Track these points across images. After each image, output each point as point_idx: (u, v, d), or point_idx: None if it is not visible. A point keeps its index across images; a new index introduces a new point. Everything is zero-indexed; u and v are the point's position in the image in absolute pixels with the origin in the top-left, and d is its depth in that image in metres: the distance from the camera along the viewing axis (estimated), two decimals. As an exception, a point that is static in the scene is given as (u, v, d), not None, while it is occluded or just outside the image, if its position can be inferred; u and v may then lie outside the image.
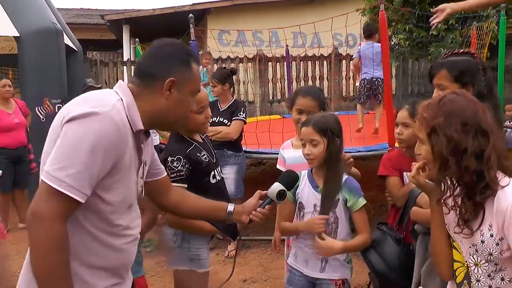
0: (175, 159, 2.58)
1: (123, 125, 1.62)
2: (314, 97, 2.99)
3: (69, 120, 1.56)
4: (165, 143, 3.08)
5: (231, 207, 2.21)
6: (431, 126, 1.71)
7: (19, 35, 6.99)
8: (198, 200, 2.25)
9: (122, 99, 1.68)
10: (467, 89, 2.29)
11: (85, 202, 1.57)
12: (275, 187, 2.23)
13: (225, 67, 5.38)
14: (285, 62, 11.44)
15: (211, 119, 2.89)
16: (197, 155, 2.64)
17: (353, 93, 12.25)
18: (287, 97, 11.52)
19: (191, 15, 5.97)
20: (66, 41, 7.91)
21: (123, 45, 15.09)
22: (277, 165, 3.26)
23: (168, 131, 2.02)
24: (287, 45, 10.36)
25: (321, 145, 2.49)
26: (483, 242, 1.70)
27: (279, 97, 12.46)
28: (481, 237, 1.70)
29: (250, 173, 8.79)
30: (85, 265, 1.67)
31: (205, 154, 2.69)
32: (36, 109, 6.93)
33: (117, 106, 1.63)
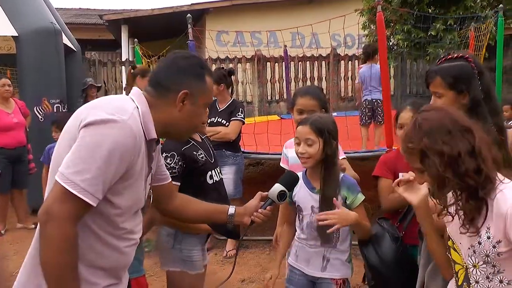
0: (169, 155, 2.58)
1: (139, 134, 1.66)
2: (313, 96, 2.99)
3: (87, 124, 1.59)
4: (162, 142, 3.10)
5: (232, 210, 2.23)
6: (420, 151, 1.72)
7: (17, 35, 6.98)
8: (199, 204, 2.27)
9: (138, 107, 1.72)
10: (463, 96, 2.29)
11: (96, 206, 1.61)
12: (276, 188, 2.24)
13: (223, 68, 5.36)
14: (283, 62, 11.44)
15: (209, 120, 2.89)
16: (194, 153, 2.63)
17: (351, 93, 12.28)
18: (287, 99, 11.54)
19: (189, 15, 5.97)
20: (64, 41, 7.90)
21: (122, 45, 15.06)
22: (281, 163, 3.24)
23: (177, 140, 2.07)
24: (285, 46, 10.37)
25: (316, 145, 2.47)
26: (480, 243, 1.71)
27: (277, 98, 12.47)
28: (479, 238, 1.71)
29: (248, 173, 8.80)
30: (88, 265, 1.70)
31: (202, 153, 2.68)
32: (34, 109, 6.93)
33: (134, 114, 1.68)
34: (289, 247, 2.76)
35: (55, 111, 7.06)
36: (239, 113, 5.00)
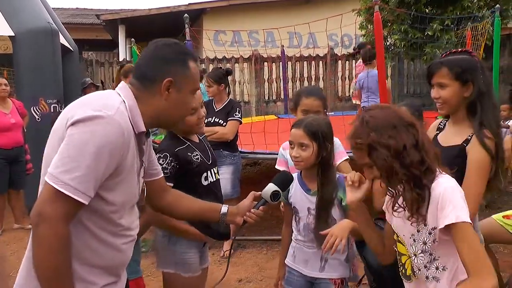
0: (161, 156, 2.56)
1: (127, 128, 1.64)
2: (318, 97, 2.99)
3: (74, 123, 1.58)
4: (159, 142, 3.08)
5: (224, 209, 2.22)
6: (368, 145, 1.79)
7: (14, 35, 6.96)
8: (192, 201, 2.26)
9: (124, 101, 1.71)
10: (467, 87, 2.33)
11: (89, 204, 1.60)
12: (269, 188, 2.23)
13: (221, 67, 5.35)
14: (280, 62, 11.45)
15: (206, 120, 2.87)
16: (188, 154, 2.61)
17: (348, 93, 12.29)
18: (285, 99, 11.53)
19: (186, 15, 5.97)
20: (61, 41, 7.88)
21: (119, 45, 15.06)
22: (276, 166, 3.10)
23: (169, 129, 2.03)
24: (282, 45, 10.38)
25: (310, 149, 2.44)
26: (418, 231, 1.83)
27: (274, 98, 12.48)
28: (417, 226, 1.83)
29: (245, 173, 8.79)
30: (85, 264, 1.69)
31: (198, 154, 2.65)
32: (31, 109, 6.91)
33: (121, 109, 1.66)
34: (289, 247, 2.76)
35: (52, 111, 7.03)
36: (236, 113, 4.98)
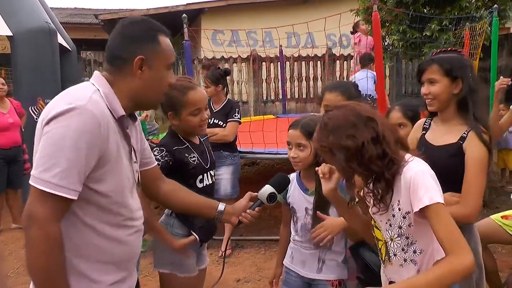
0: (158, 148, 2.57)
1: (102, 116, 1.61)
2: (341, 92, 2.85)
3: (48, 121, 1.58)
4: (157, 142, 3.08)
5: (222, 207, 2.22)
6: (328, 149, 1.80)
7: (12, 35, 6.96)
8: (190, 194, 2.26)
9: (99, 90, 1.69)
10: (457, 84, 2.37)
11: (82, 197, 1.59)
12: (266, 190, 2.24)
13: (219, 68, 5.33)
14: (279, 62, 11.45)
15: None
16: (185, 155, 2.60)
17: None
18: (283, 99, 11.53)
19: (184, 15, 5.96)
20: (60, 41, 7.88)
21: (117, 44, 15.03)
22: None
23: (152, 109, 1.97)
24: (281, 45, 10.37)
25: (308, 149, 2.43)
26: (393, 216, 1.85)
27: (273, 97, 12.48)
28: (392, 211, 1.85)
29: (244, 173, 8.78)
30: (89, 261, 1.68)
31: (195, 156, 2.64)
32: (29, 108, 6.91)
33: (94, 97, 1.63)
34: (287, 247, 2.76)
35: (50, 111, 7.03)
36: (236, 114, 4.96)
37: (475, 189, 2.25)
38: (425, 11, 9.55)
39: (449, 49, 2.52)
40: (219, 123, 4.94)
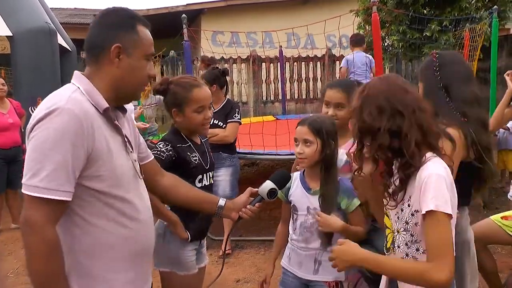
0: (163, 143, 2.57)
1: (85, 113, 1.61)
2: (342, 89, 2.78)
3: (31, 129, 1.59)
4: (156, 142, 3.06)
5: (222, 202, 2.23)
6: (352, 110, 1.89)
7: (12, 35, 6.97)
8: (190, 188, 2.26)
9: (79, 87, 1.69)
10: (420, 85, 2.59)
11: (83, 198, 1.61)
12: (267, 186, 2.24)
13: (217, 67, 5.29)
14: (278, 63, 11.45)
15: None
16: (187, 154, 2.61)
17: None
18: (282, 100, 11.53)
19: (184, 15, 5.95)
20: (59, 41, 7.89)
21: (117, 45, 15.04)
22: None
23: (133, 100, 1.95)
24: (280, 46, 10.38)
25: (314, 145, 2.46)
26: (402, 210, 1.86)
27: (272, 98, 12.47)
28: (402, 205, 1.86)
29: (244, 173, 8.78)
30: (103, 261, 1.69)
31: (196, 156, 2.65)
32: (29, 109, 6.90)
33: (73, 96, 1.63)
34: (284, 245, 2.75)
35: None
36: (236, 114, 4.90)
37: None
38: (425, 12, 9.55)
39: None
40: (219, 123, 4.89)
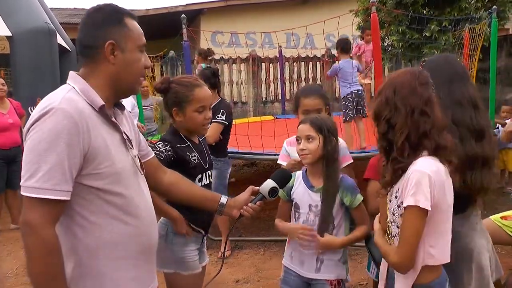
0: (162, 142, 2.59)
1: (79, 112, 1.61)
2: (317, 95, 3.03)
3: (27, 131, 1.60)
4: (155, 142, 3.04)
5: (224, 199, 2.23)
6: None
7: (11, 35, 6.96)
8: (192, 186, 2.28)
9: (74, 87, 1.69)
10: None
11: (83, 197, 1.61)
12: (268, 184, 2.25)
13: (210, 67, 5.18)
14: (278, 63, 11.45)
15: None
16: (187, 154, 2.62)
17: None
18: (282, 100, 11.52)
19: (183, 15, 5.95)
20: (59, 41, 7.89)
21: (116, 45, 15.04)
22: (279, 160, 3.21)
23: (131, 94, 1.94)
24: (280, 46, 10.38)
25: (316, 141, 2.51)
26: (390, 201, 1.98)
27: (272, 98, 12.48)
28: (390, 196, 1.98)
29: (243, 173, 8.82)
30: (108, 260, 1.70)
31: (195, 155, 2.65)
32: (29, 109, 6.91)
33: (68, 96, 1.64)
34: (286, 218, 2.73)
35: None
36: (219, 115, 4.68)
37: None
38: (425, 12, 9.54)
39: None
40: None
